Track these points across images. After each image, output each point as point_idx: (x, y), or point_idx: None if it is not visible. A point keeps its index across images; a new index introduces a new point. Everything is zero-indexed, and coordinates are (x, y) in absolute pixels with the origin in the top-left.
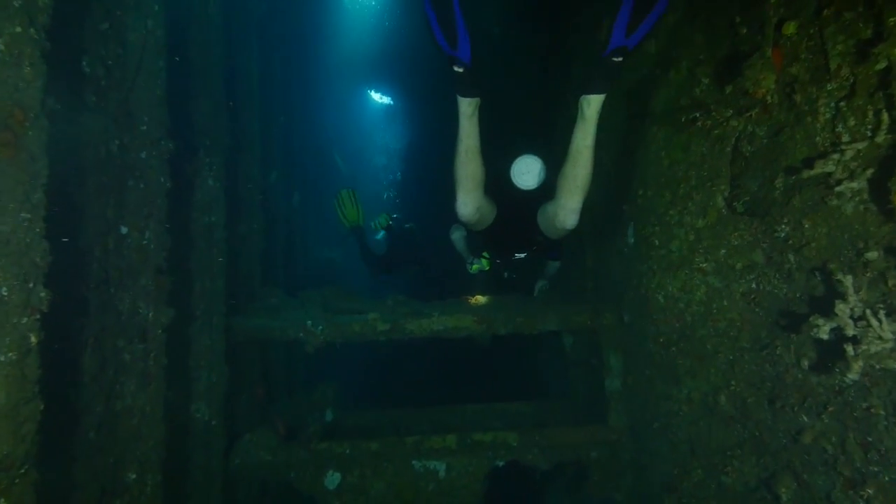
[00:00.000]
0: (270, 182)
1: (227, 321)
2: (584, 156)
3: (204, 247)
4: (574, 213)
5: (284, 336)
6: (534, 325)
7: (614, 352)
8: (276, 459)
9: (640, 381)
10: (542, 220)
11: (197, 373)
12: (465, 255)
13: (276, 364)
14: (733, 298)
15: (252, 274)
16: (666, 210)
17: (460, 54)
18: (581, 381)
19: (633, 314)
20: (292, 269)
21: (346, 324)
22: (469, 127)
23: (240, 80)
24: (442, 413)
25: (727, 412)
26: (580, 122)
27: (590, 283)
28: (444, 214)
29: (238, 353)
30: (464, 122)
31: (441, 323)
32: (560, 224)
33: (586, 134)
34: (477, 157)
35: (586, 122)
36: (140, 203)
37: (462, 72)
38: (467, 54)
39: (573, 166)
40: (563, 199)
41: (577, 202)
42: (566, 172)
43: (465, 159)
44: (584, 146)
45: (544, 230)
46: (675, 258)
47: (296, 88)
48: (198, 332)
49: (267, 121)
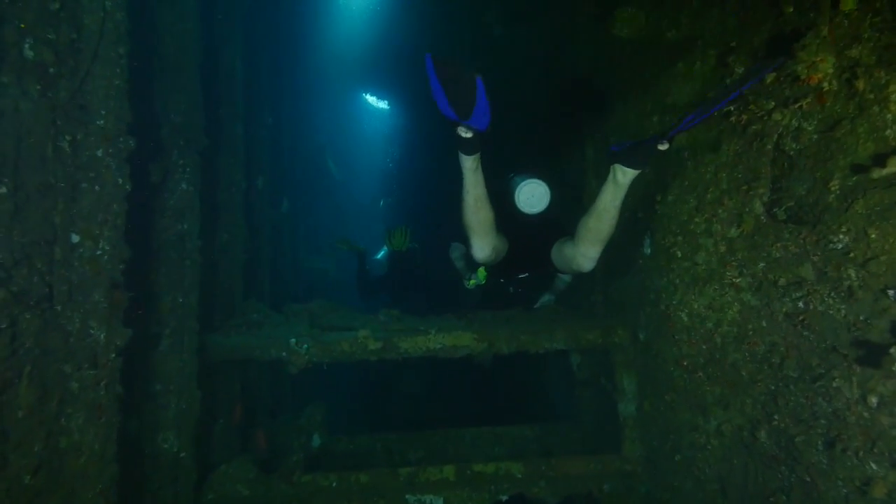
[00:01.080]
0: (257, 188)
1: (201, 340)
2: (611, 214)
3: (175, 258)
4: (593, 261)
5: (266, 356)
6: (539, 344)
7: (628, 373)
8: (254, 494)
9: (658, 406)
10: (556, 257)
11: (165, 399)
12: (464, 272)
13: (258, 384)
14: (775, 319)
15: (233, 287)
16: (690, 217)
17: (474, 123)
18: (589, 404)
19: (650, 333)
20: (280, 281)
21: (333, 342)
22: (474, 178)
23: (221, 75)
24: (439, 437)
25: (768, 450)
26: (611, 186)
27: (599, 297)
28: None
29: (214, 375)
30: (469, 176)
31: (438, 341)
32: (577, 267)
33: (616, 196)
34: (486, 204)
35: (618, 187)
36: (94, 208)
37: (471, 136)
38: (484, 124)
39: (598, 221)
40: (583, 247)
41: (597, 252)
42: (590, 225)
43: (475, 208)
44: (613, 206)
45: (557, 265)
46: (702, 272)
47: (285, 88)
48: (166, 354)
49: (252, 122)
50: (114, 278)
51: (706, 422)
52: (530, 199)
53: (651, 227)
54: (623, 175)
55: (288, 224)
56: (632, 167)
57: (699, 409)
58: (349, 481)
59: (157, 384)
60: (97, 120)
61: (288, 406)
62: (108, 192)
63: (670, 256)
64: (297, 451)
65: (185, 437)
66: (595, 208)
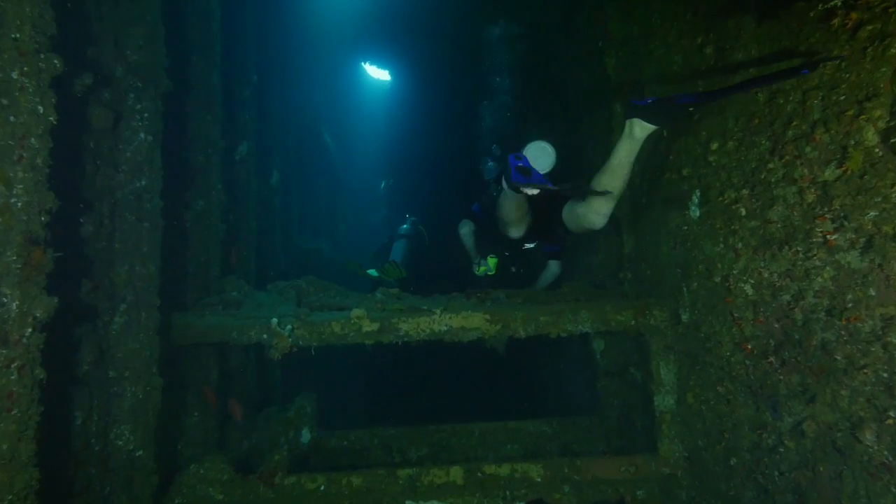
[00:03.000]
0: (241, 153)
1: (167, 319)
2: (625, 170)
3: (131, 220)
4: (605, 217)
5: (244, 338)
6: (562, 326)
7: (666, 360)
8: (229, 499)
9: (707, 399)
10: (567, 216)
11: (119, 387)
12: (472, 255)
13: (241, 373)
14: (891, 285)
15: (209, 262)
16: (762, 164)
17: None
18: (614, 396)
19: (698, 312)
20: (268, 260)
21: (322, 323)
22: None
23: (193, 16)
24: (444, 433)
25: (877, 457)
26: (626, 140)
27: (628, 275)
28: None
29: (186, 361)
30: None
31: (444, 322)
32: (589, 224)
33: (631, 152)
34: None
35: (633, 141)
36: (7, 143)
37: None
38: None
39: (611, 178)
40: (595, 203)
41: (609, 208)
42: (603, 181)
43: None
44: (627, 162)
45: (568, 224)
46: (777, 231)
47: (273, 47)
48: (120, 333)
49: (234, 76)
50: (32, 232)
51: (778, 418)
52: (537, 158)
53: (701, 185)
54: (641, 130)
55: (278, 198)
56: (652, 123)
57: (768, 403)
58: (340, 484)
59: (110, 369)
60: (10, 32)
61: (277, 398)
62: (24, 123)
63: (730, 216)
64: (283, 447)
65: (143, 432)
66: (609, 165)
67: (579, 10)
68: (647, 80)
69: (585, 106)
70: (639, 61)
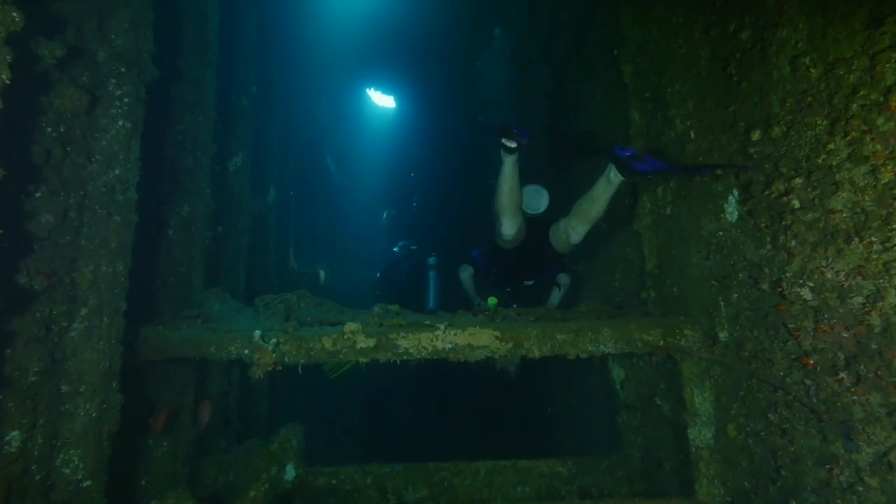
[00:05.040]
0: (235, 163)
1: (133, 327)
2: (601, 203)
3: (101, 214)
4: (581, 235)
5: (223, 353)
6: (581, 346)
7: (701, 387)
8: None
9: (755, 430)
10: (553, 236)
11: (72, 403)
12: (473, 296)
13: (222, 397)
14: None
15: (191, 272)
16: (819, 146)
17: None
18: (637, 433)
19: (739, 327)
20: (260, 280)
21: (312, 338)
22: (513, 170)
23: (189, 11)
24: (446, 472)
25: None
26: (603, 180)
27: (651, 293)
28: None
29: (156, 381)
30: (508, 168)
31: (448, 339)
32: (567, 239)
33: (606, 191)
34: (518, 190)
35: (609, 184)
36: None
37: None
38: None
39: (590, 205)
40: (574, 221)
41: (586, 228)
42: (583, 207)
43: (510, 192)
44: (604, 197)
45: (554, 244)
46: (843, 220)
47: (277, 58)
48: (78, 340)
49: (230, 81)
50: None
51: (854, 449)
52: (533, 200)
53: (739, 182)
54: (616, 176)
55: (274, 217)
56: (624, 175)
57: (839, 430)
58: None
59: (63, 383)
60: None
61: (262, 429)
62: None
63: (779, 211)
64: (263, 483)
65: (95, 459)
66: (590, 195)
67: (590, 24)
68: (668, 82)
69: (597, 121)
70: (659, 64)
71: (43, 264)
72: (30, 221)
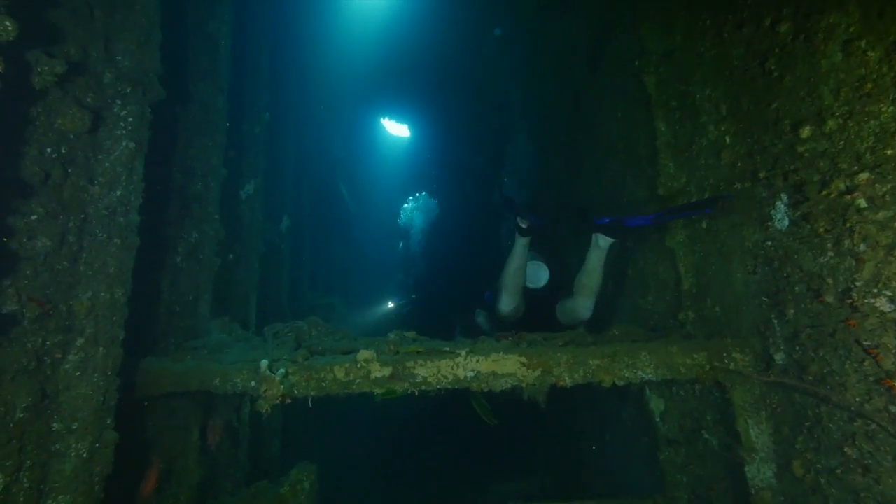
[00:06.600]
0: (246, 191)
1: (132, 358)
2: (598, 272)
3: (102, 237)
4: (589, 309)
5: (228, 386)
6: (617, 372)
7: (756, 417)
8: None
9: (826, 467)
10: (560, 313)
11: (63, 443)
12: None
13: (229, 436)
14: None
15: (197, 301)
16: (885, 135)
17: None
18: (683, 471)
19: (799, 347)
20: (272, 311)
21: (323, 367)
22: (523, 252)
23: (198, 37)
24: None
25: None
26: (594, 250)
27: (689, 315)
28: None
29: (157, 418)
30: (519, 249)
31: (470, 366)
32: (578, 316)
33: (599, 259)
34: (524, 272)
35: (600, 251)
36: None
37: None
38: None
39: (588, 278)
40: (580, 299)
41: (592, 301)
42: (583, 282)
43: (515, 273)
44: (599, 265)
45: (561, 320)
46: None
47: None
48: (73, 373)
49: (241, 107)
50: None
51: None
52: (533, 276)
53: (789, 184)
54: (604, 241)
55: (287, 246)
56: (611, 237)
57: None
58: None
59: (54, 421)
60: None
61: (273, 470)
62: None
63: (841, 212)
64: None
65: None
66: (585, 269)
67: (607, 41)
68: (697, 88)
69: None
70: (686, 71)
71: (36, 291)
72: (24, 245)
